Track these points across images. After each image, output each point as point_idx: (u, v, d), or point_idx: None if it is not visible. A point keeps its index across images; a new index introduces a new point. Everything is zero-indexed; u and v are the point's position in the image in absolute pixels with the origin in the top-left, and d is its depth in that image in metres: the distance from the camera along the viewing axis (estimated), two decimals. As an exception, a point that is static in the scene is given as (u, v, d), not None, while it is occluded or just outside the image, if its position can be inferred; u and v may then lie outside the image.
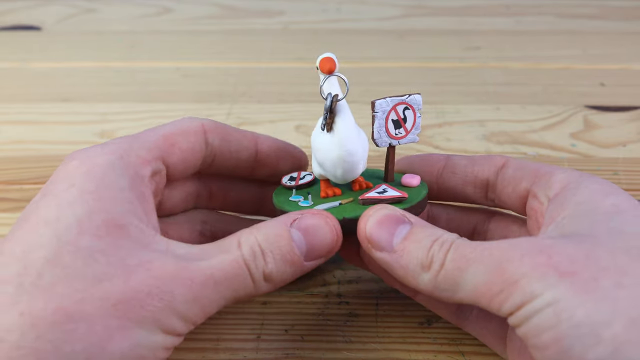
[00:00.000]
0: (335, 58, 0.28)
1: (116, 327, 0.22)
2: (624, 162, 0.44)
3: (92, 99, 0.54)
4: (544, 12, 0.71)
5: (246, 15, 0.72)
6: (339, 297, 0.33)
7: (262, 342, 0.30)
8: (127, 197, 0.25)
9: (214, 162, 0.31)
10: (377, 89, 0.54)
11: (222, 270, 0.24)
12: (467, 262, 0.23)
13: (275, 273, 0.25)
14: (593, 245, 0.22)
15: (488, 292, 0.22)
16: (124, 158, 0.26)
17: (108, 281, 0.22)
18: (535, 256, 0.22)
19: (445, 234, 0.25)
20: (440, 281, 0.24)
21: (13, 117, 0.51)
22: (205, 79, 0.57)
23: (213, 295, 0.24)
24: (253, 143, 0.31)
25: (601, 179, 0.26)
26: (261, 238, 0.25)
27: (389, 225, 0.26)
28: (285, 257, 0.25)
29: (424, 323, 0.31)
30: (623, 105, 0.51)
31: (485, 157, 0.31)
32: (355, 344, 0.30)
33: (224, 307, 0.25)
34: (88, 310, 0.21)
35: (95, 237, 0.23)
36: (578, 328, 0.20)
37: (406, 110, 0.30)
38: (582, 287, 0.21)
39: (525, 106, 0.51)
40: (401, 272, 0.25)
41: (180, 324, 0.23)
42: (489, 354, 0.29)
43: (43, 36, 0.67)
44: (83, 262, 0.22)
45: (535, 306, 0.21)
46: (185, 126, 0.29)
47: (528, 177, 0.28)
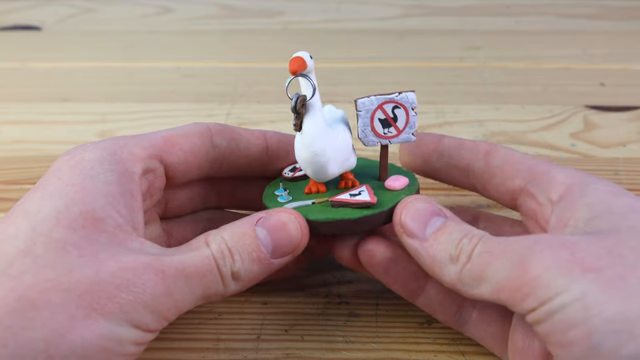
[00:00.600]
0: (307, 57, 0.27)
1: (80, 317, 0.22)
2: (625, 162, 0.44)
3: (92, 99, 0.54)
4: (544, 12, 0.71)
5: (246, 15, 0.72)
6: (339, 297, 0.33)
7: (262, 342, 0.30)
8: (111, 191, 0.25)
9: (224, 163, 0.31)
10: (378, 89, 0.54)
11: (194, 265, 0.24)
12: (491, 256, 0.23)
13: (242, 271, 0.25)
14: (616, 242, 0.22)
15: (510, 287, 0.23)
16: (116, 154, 0.26)
17: (77, 272, 0.22)
18: (559, 251, 0.22)
19: (475, 230, 0.25)
20: (465, 274, 0.24)
21: (13, 117, 0.51)
22: (205, 79, 0.57)
23: (185, 290, 0.24)
24: (262, 139, 0.31)
25: (606, 181, 0.26)
26: (227, 237, 0.26)
27: (424, 215, 0.26)
28: (251, 255, 0.26)
29: (424, 323, 0.31)
30: (623, 105, 0.51)
31: (473, 142, 0.31)
32: (355, 344, 0.30)
33: (195, 305, 0.25)
34: (52, 299, 0.22)
35: (70, 229, 0.23)
36: (610, 324, 0.20)
37: (396, 109, 0.29)
38: (608, 283, 0.21)
39: (525, 106, 0.51)
40: (428, 261, 0.26)
41: (151, 319, 0.23)
42: (490, 354, 0.29)
43: (43, 36, 0.67)
44: (54, 254, 0.22)
45: (561, 301, 0.21)
46: (189, 129, 0.29)
47: (522, 174, 0.28)
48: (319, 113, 0.28)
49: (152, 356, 0.30)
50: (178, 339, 0.31)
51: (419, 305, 0.30)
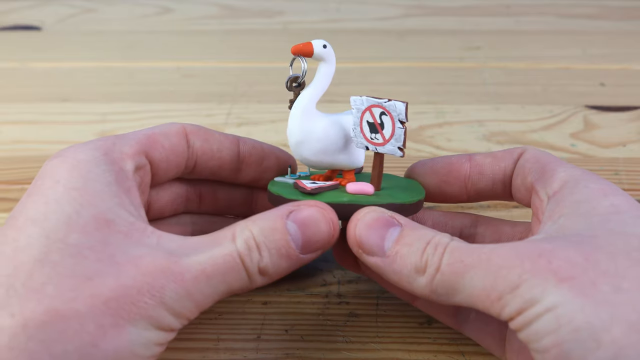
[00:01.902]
0: (320, 45, 0.29)
1: (109, 325, 0.22)
2: (625, 162, 0.44)
3: (92, 99, 0.54)
4: (544, 12, 0.71)
5: (246, 15, 0.72)
6: (339, 297, 0.33)
7: (262, 342, 0.30)
8: (114, 192, 0.25)
9: (197, 164, 0.31)
10: (380, 89, 0.54)
11: (215, 264, 0.24)
12: (464, 267, 0.23)
13: (270, 267, 0.25)
14: (593, 247, 0.22)
15: (487, 297, 0.22)
16: (108, 154, 0.26)
17: (98, 278, 0.22)
18: (535, 261, 0.22)
19: (437, 235, 0.24)
20: (436, 285, 0.23)
21: (13, 117, 0.51)
22: (205, 79, 0.57)
23: (206, 290, 0.24)
24: (235, 144, 0.31)
25: (601, 179, 0.26)
26: (256, 231, 0.25)
27: (378, 228, 0.25)
28: (280, 250, 0.25)
29: (424, 323, 0.31)
30: (623, 105, 0.51)
31: (507, 152, 0.30)
32: (355, 344, 0.30)
33: (218, 301, 0.25)
34: (79, 309, 0.21)
35: (83, 233, 0.23)
36: (578, 332, 0.20)
37: (383, 116, 0.27)
38: (581, 291, 0.21)
39: (525, 106, 0.51)
40: (395, 277, 0.25)
41: (173, 320, 0.23)
42: (489, 354, 0.29)
43: (43, 36, 0.67)
44: (72, 260, 0.22)
45: (535, 311, 0.21)
46: (167, 128, 0.29)
47: (535, 171, 0.28)
48: (304, 97, 0.29)
49: (152, 356, 0.30)
50: (178, 339, 0.31)
51: (419, 306, 0.30)
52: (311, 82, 0.29)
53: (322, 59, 0.29)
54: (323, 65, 0.29)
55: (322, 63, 0.29)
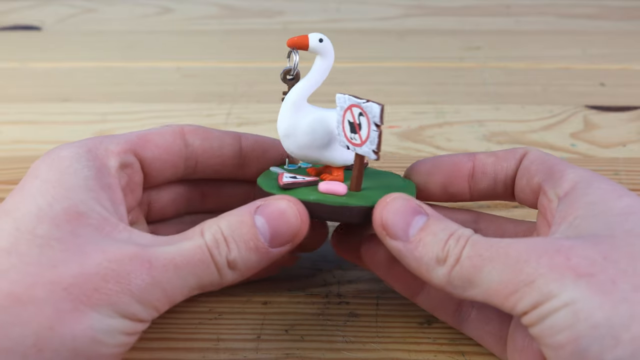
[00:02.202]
0: (316, 39, 0.28)
1: (68, 310, 0.22)
2: (625, 162, 0.44)
3: (92, 99, 0.54)
4: (544, 12, 0.71)
5: (246, 15, 0.72)
6: (339, 297, 0.33)
7: (262, 342, 0.30)
8: (90, 186, 0.25)
9: (199, 163, 0.31)
10: (378, 89, 0.54)
11: (183, 255, 0.24)
12: (482, 260, 0.23)
13: (239, 260, 0.25)
14: (611, 247, 0.22)
15: (503, 291, 0.22)
16: (92, 151, 0.26)
17: (62, 266, 0.22)
18: (553, 257, 0.22)
19: (461, 229, 0.25)
20: (454, 277, 0.24)
21: (13, 117, 0.51)
22: (205, 79, 0.57)
23: (174, 281, 0.24)
24: (236, 140, 0.31)
25: (611, 180, 0.26)
26: (224, 226, 0.25)
27: (405, 214, 0.25)
28: (248, 244, 0.25)
29: (424, 323, 0.31)
30: (623, 105, 0.51)
31: (510, 152, 0.30)
32: (355, 344, 0.30)
33: (189, 295, 0.25)
34: (38, 294, 0.22)
35: (53, 225, 0.23)
36: (596, 329, 0.20)
37: (361, 117, 0.27)
38: (600, 288, 0.21)
39: (525, 106, 0.51)
40: (414, 264, 0.25)
41: (140, 308, 0.23)
42: (490, 354, 0.29)
43: (43, 36, 0.67)
44: (39, 250, 0.23)
45: (551, 306, 0.21)
46: (162, 129, 0.30)
47: (542, 172, 0.28)
48: (295, 90, 0.29)
49: (152, 356, 0.30)
50: (178, 339, 0.31)
51: (419, 303, 0.30)
52: (305, 76, 0.29)
53: (318, 53, 0.29)
54: (319, 59, 0.29)
55: (318, 57, 0.29)
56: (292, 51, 0.29)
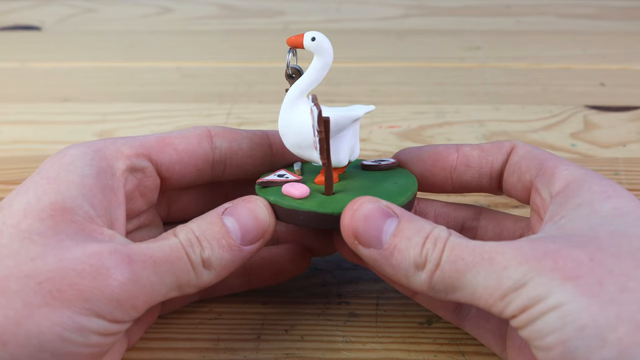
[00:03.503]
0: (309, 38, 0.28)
1: (37, 305, 0.21)
2: (625, 162, 0.44)
3: (92, 99, 0.54)
4: (544, 12, 0.71)
5: (246, 15, 0.72)
6: (339, 297, 0.33)
7: (262, 342, 0.30)
8: (87, 184, 0.25)
9: (228, 165, 0.30)
10: (379, 89, 0.54)
11: (162, 252, 0.24)
12: (465, 265, 0.23)
13: (213, 259, 0.25)
14: (597, 248, 0.22)
15: (490, 296, 0.22)
16: (100, 151, 0.26)
17: (40, 260, 0.22)
18: (541, 260, 0.22)
19: (435, 229, 0.24)
20: (436, 282, 0.23)
21: (13, 117, 0.51)
22: (205, 79, 0.57)
23: (153, 278, 0.23)
24: (265, 138, 0.31)
25: (605, 179, 0.26)
26: (195, 227, 0.25)
27: (375, 219, 0.24)
28: (220, 242, 0.25)
29: (424, 323, 0.31)
30: (623, 105, 0.51)
31: (496, 145, 0.30)
32: (355, 344, 0.30)
33: (168, 296, 0.24)
34: (11, 286, 0.22)
35: (37, 219, 0.23)
36: (583, 331, 0.20)
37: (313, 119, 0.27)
38: (587, 290, 0.21)
39: (525, 106, 0.51)
40: (391, 271, 0.24)
41: (116, 308, 0.23)
42: (489, 354, 0.29)
43: (43, 36, 0.67)
44: (19, 243, 0.23)
45: (539, 309, 0.21)
46: (187, 131, 0.29)
47: (533, 168, 0.28)
48: (295, 85, 0.29)
49: (152, 356, 0.30)
50: (178, 339, 0.31)
51: (419, 301, 0.30)
52: (303, 74, 0.29)
53: (314, 51, 0.28)
54: (315, 58, 0.29)
55: (315, 56, 0.29)
56: (291, 50, 0.29)
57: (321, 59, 0.28)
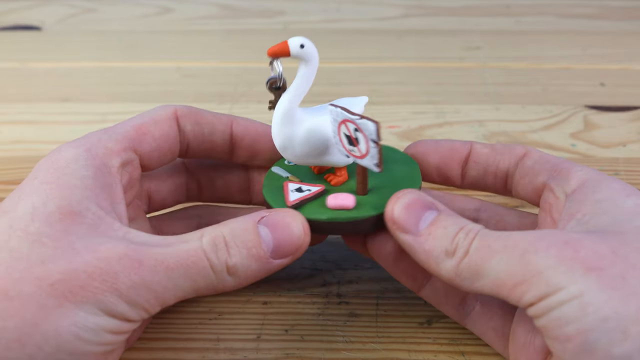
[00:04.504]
0: (297, 44, 0.26)
1: (52, 307, 0.22)
2: (625, 162, 0.44)
3: (92, 99, 0.54)
4: (544, 12, 0.71)
5: (246, 15, 0.72)
6: (339, 297, 0.33)
7: (262, 342, 0.30)
8: (88, 185, 0.25)
9: (190, 148, 0.31)
10: (379, 89, 0.54)
11: (177, 257, 0.24)
12: (490, 251, 0.23)
13: (240, 266, 0.25)
14: (620, 242, 0.22)
15: (510, 282, 0.23)
16: (91, 150, 0.27)
17: (51, 263, 0.22)
18: (562, 249, 0.22)
19: (471, 224, 0.25)
20: (462, 269, 0.24)
21: (13, 117, 0.51)
22: (205, 79, 0.57)
23: (165, 282, 0.23)
24: (228, 125, 0.31)
25: (620, 180, 0.26)
26: (227, 231, 0.25)
27: (416, 209, 0.26)
28: (251, 251, 0.25)
29: (424, 323, 0.31)
30: (623, 105, 0.51)
31: (507, 147, 0.30)
32: (355, 344, 0.30)
33: (183, 297, 0.24)
34: (25, 289, 0.22)
35: (46, 223, 0.23)
36: (605, 322, 0.21)
37: (357, 132, 0.26)
38: (609, 282, 0.21)
39: (525, 106, 0.51)
40: (424, 257, 0.25)
41: (127, 308, 0.23)
42: (489, 354, 0.29)
43: (43, 36, 0.67)
44: (30, 246, 0.23)
45: (559, 298, 0.21)
46: (157, 115, 0.30)
47: (546, 170, 0.29)
48: (288, 97, 0.27)
49: (152, 356, 0.30)
50: (178, 339, 0.31)
51: (424, 296, 0.31)
52: (291, 85, 0.28)
53: (302, 59, 0.27)
54: (303, 65, 0.27)
55: (302, 63, 0.27)
56: (273, 60, 0.27)
57: (310, 65, 0.27)
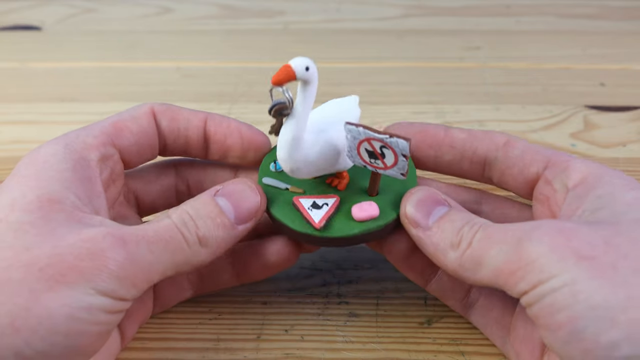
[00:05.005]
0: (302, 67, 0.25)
1: (43, 290, 0.22)
2: (625, 162, 0.44)
3: (92, 99, 0.54)
4: (544, 12, 0.71)
5: (246, 15, 0.72)
6: (339, 297, 0.33)
7: (262, 342, 0.30)
8: (66, 178, 0.25)
9: (167, 144, 0.31)
10: (380, 89, 0.54)
11: (155, 232, 0.25)
12: (491, 242, 0.24)
13: (209, 236, 0.26)
14: (613, 232, 0.23)
15: (507, 270, 0.23)
16: (69, 146, 0.27)
17: (36, 248, 0.23)
18: (555, 238, 0.22)
19: (477, 218, 0.26)
20: (465, 260, 0.25)
21: (13, 117, 0.51)
22: (205, 79, 0.57)
23: (149, 257, 0.24)
24: (202, 121, 0.31)
25: (622, 174, 0.26)
26: (188, 208, 0.26)
27: (427, 204, 0.27)
28: (215, 220, 0.26)
29: (424, 323, 0.31)
30: (623, 105, 0.51)
31: (485, 133, 0.30)
32: (355, 344, 0.30)
33: (167, 274, 0.25)
34: (14, 276, 0.22)
35: (26, 211, 0.24)
36: (594, 310, 0.21)
37: (384, 149, 0.26)
38: (600, 271, 0.21)
39: (525, 106, 0.51)
40: (431, 249, 0.26)
41: (119, 285, 0.23)
42: (489, 354, 0.29)
43: (43, 36, 0.67)
44: (12, 234, 0.23)
45: (551, 285, 0.22)
46: (134, 112, 0.30)
47: (540, 162, 0.29)
48: (293, 123, 0.26)
49: (152, 356, 0.30)
50: (178, 339, 0.31)
51: (431, 290, 0.31)
52: (294, 110, 0.26)
53: (306, 81, 0.25)
54: (304, 86, 0.25)
55: (303, 84, 0.25)
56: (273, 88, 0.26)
57: (312, 85, 0.26)
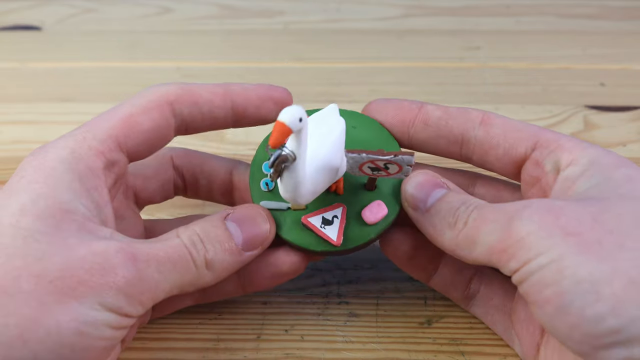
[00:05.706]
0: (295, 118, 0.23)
1: (52, 302, 0.22)
2: (624, 162, 0.44)
3: (92, 99, 0.54)
4: (544, 12, 0.71)
5: (246, 15, 0.72)
6: (339, 297, 0.33)
7: (262, 342, 0.30)
8: (75, 189, 0.25)
9: (189, 129, 0.30)
10: (379, 89, 0.54)
11: (165, 251, 0.25)
12: (484, 221, 0.24)
13: (216, 260, 0.26)
14: (601, 208, 0.23)
15: (499, 248, 0.23)
16: (75, 152, 0.26)
17: (47, 259, 0.23)
18: (544, 215, 0.23)
19: (473, 199, 0.26)
20: (460, 239, 0.25)
21: (13, 117, 0.51)
22: (205, 79, 0.57)
23: (157, 276, 0.24)
24: (227, 99, 0.30)
25: (614, 152, 0.26)
26: (198, 229, 0.26)
27: (426, 187, 0.27)
28: (223, 245, 0.26)
29: (424, 323, 0.31)
30: (623, 105, 0.51)
31: (461, 110, 0.30)
32: (355, 344, 0.30)
33: (170, 293, 0.25)
34: (24, 286, 0.22)
35: (37, 219, 0.23)
36: (579, 285, 0.21)
37: (389, 164, 0.27)
38: (585, 247, 0.22)
39: (525, 106, 0.51)
40: (430, 230, 0.27)
41: (126, 302, 0.23)
42: (490, 354, 0.29)
43: (43, 36, 0.67)
44: (23, 242, 0.23)
45: (539, 262, 0.22)
46: (147, 102, 0.28)
47: (526, 141, 0.28)
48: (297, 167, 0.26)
49: (152, 356, 0.30)
50: (178, 339, 0.31)
51: (433, 285, 0.31)
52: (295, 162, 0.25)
53: (302, 128, 0.24)
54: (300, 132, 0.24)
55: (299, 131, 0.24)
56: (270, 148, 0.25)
57: (304, 131, 0.25)
